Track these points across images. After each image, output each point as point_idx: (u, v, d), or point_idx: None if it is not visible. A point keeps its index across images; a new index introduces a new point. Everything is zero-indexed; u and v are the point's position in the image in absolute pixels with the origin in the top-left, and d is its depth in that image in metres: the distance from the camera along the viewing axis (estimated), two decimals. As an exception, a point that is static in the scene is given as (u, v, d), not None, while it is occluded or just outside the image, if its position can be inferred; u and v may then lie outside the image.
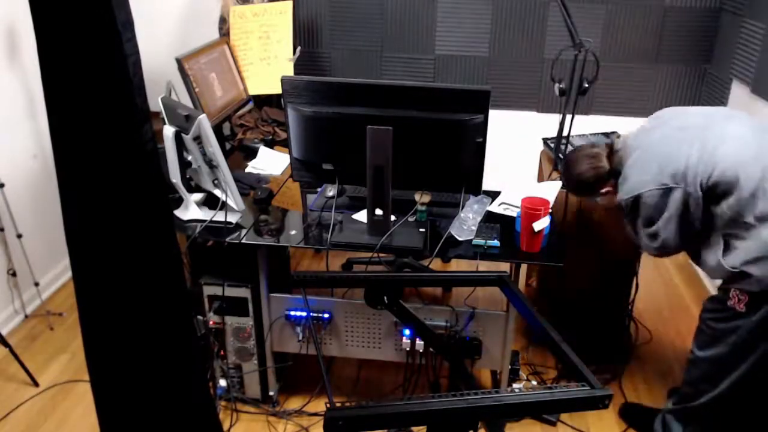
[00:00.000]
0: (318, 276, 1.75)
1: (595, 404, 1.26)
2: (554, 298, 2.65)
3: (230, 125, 3.02)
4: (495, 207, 2.22)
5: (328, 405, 1.17)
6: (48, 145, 1.36)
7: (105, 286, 1.49)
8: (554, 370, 2.62)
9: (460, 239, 2.00)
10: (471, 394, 1.22)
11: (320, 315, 2.24)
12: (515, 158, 3.46)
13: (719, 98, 3.27)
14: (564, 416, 2.38)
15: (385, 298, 1.67)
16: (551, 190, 2.33)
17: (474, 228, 2.04)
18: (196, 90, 2.46)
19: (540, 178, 2.81)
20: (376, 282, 1.69)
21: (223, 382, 2.36)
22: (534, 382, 2.54)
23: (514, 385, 2.46)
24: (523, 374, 2.57)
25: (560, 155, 2.56)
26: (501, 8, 3.38)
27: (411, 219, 2.12)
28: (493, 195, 2.32)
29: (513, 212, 2.16)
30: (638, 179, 1.85)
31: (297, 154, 2.02)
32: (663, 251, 1.93)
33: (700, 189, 1.77)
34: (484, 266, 1.92)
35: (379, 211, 1.97)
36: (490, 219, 2.16)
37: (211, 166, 2.02)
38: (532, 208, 1.92)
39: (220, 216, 2.07)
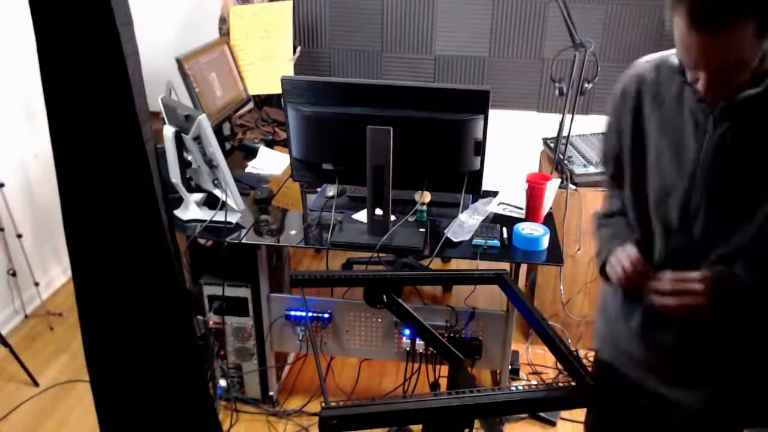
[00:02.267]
0: (317, 276, 1.75)
1: (592, 401, 1.27)
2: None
3: (230, 125, 3.02)
4: (494, 207, 2.22)
5: (323, 404, 1.18)
6: (48, 145, 1.36)
7: (105, 286, 1.49)
8: (554, 369, 2.62)
9: (455, 240, 2.00)
10: (467, 392, 1.22)
11: (320, 315, 2.24)
12: (515, 158, 3.46)
13: (719, 98, 3.27)
14: (565, 414, 2.38)
15: (384, 297, 1.67)
16: (550, 190, 2.33)
17: (471, 232, 2.03)
18: (196, 90, 2.46)
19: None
20: (375, 281, 1.69)
21: (223, 382, 2.36)
22: (534, 382, 2.55)
23: (514, 385, 2.46)
24: (523, 374, 2.57)
25: (560, 155, 2.57)
26: (501, 8, 3.38)
27: (411, 219, 2.12)
28: (494, 195, 2.32)
29: (512, 212, 2.16)
30: None
31: (297, 154, 2.02)
32: None
33: None
34: (483, 266, 1.92)
35: (379, 211, 1.97)
36: (490, 219, 2.16)
37: (211, 166, 2.02)
38: (536, 181, 2.07)
39: (220, 216, 2.07)
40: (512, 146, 3.50)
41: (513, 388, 1.26)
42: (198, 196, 2.19)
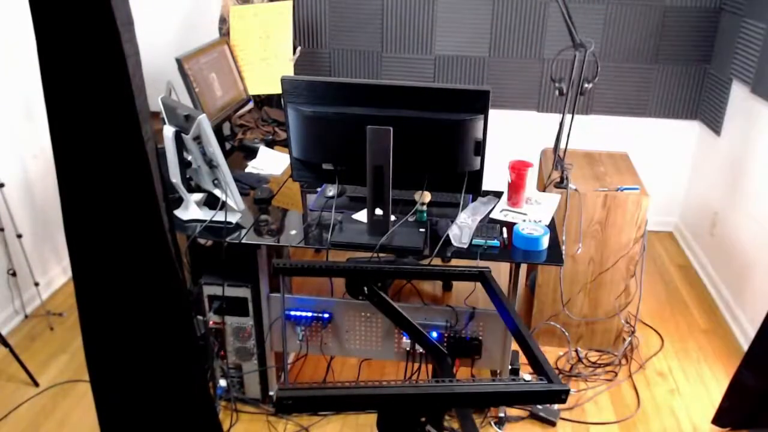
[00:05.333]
0: (299, 265, 1.74)
1: (551, 399, 1.27)
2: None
3: (230, 125, 3.02)
4: (496, 213, 2.21)
5: (281, 384, 1.19)
6: (48, 145, 1.36)
7: (105, 286, 1.49)
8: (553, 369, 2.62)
9: (455, 245, 2.00)
10: (423, 383, 1.23)
11: (320, 315, 2.24)
12: (515, 158, 3.46)
13: (719, 98, 3.27)
14: (565, 414, 2.38)
15: (366, 289, 1.67)
16: (552, 202, 2.34)
17: (469, 236, 2.03)
18: (196, 90, 2.47)
19: (540, 179, 2.81)
20: (356, 272, 1.68)
21: (223, 382, 2.36)
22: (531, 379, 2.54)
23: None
24: (523, 373, 2.56)
25: (560, 155, 2.57)
26: (500, 8, 3.38)
27: (411, 219, 2.12)
28: (494, 194, 2.32)
29: (514, 219, 2.16)
30: None
31: (297, 154, 2.02)
32: None
33: None
34: (483, 265, 1.92)
35: (379, 211, 1.97)
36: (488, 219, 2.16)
37: (211, 166, 2.02)
38: (518, 168, 2.21)
39: (220, 216, 2.07)
40: (512, 146, 3.50)
41: (471, 382, 1.26)
42: (198, 196, 2.19)
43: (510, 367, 2.28)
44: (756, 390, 2.21)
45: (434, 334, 2.17)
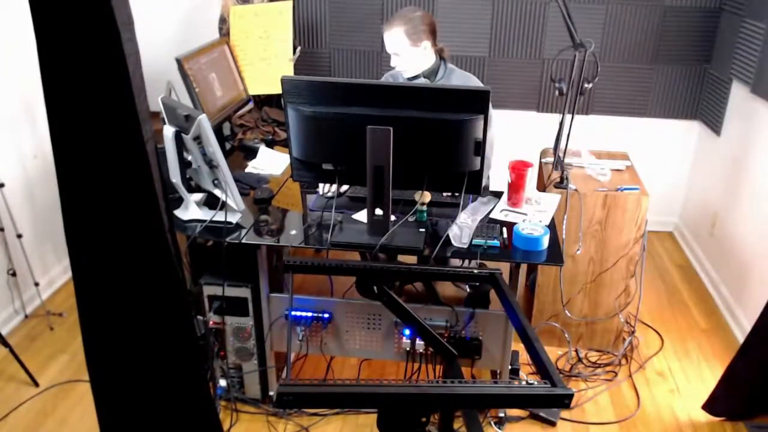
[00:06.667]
0: (309, 263, 1.74)
1: (555, 402, 1.27)
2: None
3: (230, 125, 3.02)
4: (497, 213, 2.22)
5: (283, 380, 1.19)
6: (48, 145, 1.36)
7: (105, 286, 1.49)
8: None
9: (455, 245, 2.00)
10: (426, 383, 1.23)
11: (320, 315, 2.24)
12: (515, 158, 3.46)
13: (719, 98, 3.27)
14: (565, 414, 2.38)
15: (375, 288, 1.67)
16: (552, 202, 2.34)
17: (469, 236, 2.03)
18: (196, 90, 2.47)
19: (540, 179, 2.81)
20: (367, 271, 1.69)
21: (223, 382, 2.36)
22: (535, 382, 2.54)
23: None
24: (523, 374, 2.57)
25: (560, 155, 2.57)
26: (500, 8, 3.38)
27: (411, 219, 2.12)
28: (497, 194, 2.32)
29: (514, 218, 2.16)
30: None
31: (297, 154, 2.02)
32: None
33: None
34: (493, 268, 1.92)
35: (379, 211, 1.97)
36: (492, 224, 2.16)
37: (211, 166, 2.02)
38: (518, 168, 2.22)
39: (220, 216, 2.07)
40: (512, 146, 3.49)
41: (474, 383, 1.27)
42: (198, 196, 2.19)
43: (510, 367, 2.28)
44: (749, 381, 2.22)
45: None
